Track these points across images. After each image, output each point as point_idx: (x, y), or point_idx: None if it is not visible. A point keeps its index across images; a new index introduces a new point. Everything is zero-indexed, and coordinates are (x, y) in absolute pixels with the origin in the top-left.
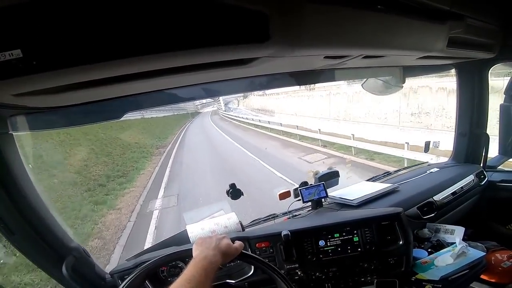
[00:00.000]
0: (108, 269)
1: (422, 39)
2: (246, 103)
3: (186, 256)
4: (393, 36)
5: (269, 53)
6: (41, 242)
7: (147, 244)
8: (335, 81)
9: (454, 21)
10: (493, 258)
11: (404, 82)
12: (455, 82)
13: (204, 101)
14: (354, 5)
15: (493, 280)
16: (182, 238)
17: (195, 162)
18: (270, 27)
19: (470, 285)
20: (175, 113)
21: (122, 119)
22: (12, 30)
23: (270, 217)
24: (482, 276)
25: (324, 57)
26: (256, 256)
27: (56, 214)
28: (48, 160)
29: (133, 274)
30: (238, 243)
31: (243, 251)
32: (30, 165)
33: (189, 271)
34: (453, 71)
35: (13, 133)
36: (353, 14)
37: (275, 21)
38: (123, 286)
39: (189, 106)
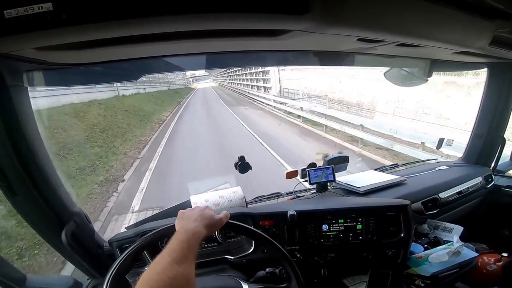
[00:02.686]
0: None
1: (465, 34)
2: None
3: (170, 232)
4: (436, 26)
5: (304, 27)
6: (44, 205)
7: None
8: (360, 66)
9: (503, 20)
10: (480, 260)
11: (430, 75)
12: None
13: (197, 73)
14: None
15: (476, 281)
16: (185, 208)
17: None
18: (310, 0)
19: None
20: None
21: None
22: None
23: (273, 195)
24: (468, 276)
25: (358, 39)
26: (244, 225)
27: (61, 175)
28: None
29: (121, 256)
30: (223, 213)
31: (230, 221)
32: (42, 123)
33: (171, 244)
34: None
35: (28, 87)
36: (402, 0)
37: None
38: (113, 271)
39: (172, 77)
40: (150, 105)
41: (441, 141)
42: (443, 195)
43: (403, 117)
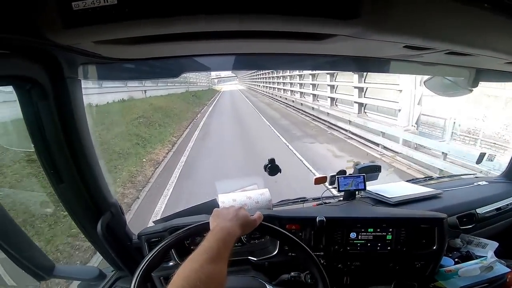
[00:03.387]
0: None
1: None
2: None
3: (204, 229)
4: (493, 36)
5: (350, 32)
6: (85, 193)
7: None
8: (401, 73)
9: None
10: (510, 276)
11: (476, 86)
12: None
13: (222, 74)
14: None
15: None
16: (212, 206)
17: None
18: (360, 5)
19: None
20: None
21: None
22: None
23: (299, 200)
24: None
25: (404, 46)
26: (276, 227)
27: (103, 165)
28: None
29: (149, 255)
30: (257, 214)
31: (262, 222)
32: (91, 115)
33: (207, 241)
34: None
35: (81, 80)
36: (454, 6)
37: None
38: (144, 265)
39: (193, 76)
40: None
41: (482, 156)
42: (480, 210)
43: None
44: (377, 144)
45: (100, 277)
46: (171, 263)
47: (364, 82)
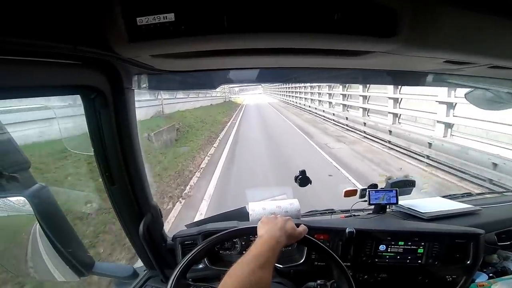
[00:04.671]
0: None
1: None
2: None
3: (250, 233)
4: None
5: (388, 49)
6: (132, 196)
7: None
8: (441, 86)
9: None
10: None
11: None
12: None
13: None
14: (493, 12)
15: None
16: (242, 213)
17: None
18: (397, 23)
19: None
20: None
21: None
22: None
23: (327, 211)
24: None
25: (444, 61)
26: (318, 242)
27: (148, 169)
28: None
29: (199, 246)
30: (302, 227)
31: (306, 235)
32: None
33: (257, 248)
34: None
35: (135, 90)
36: (494, 21)
37: (403, 18)
38: (190, 257)
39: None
40: None
41: None
42: None
43: None
44: (423, 156)
45: (134, 275)
46: (200, 266)
47: (400, 93)
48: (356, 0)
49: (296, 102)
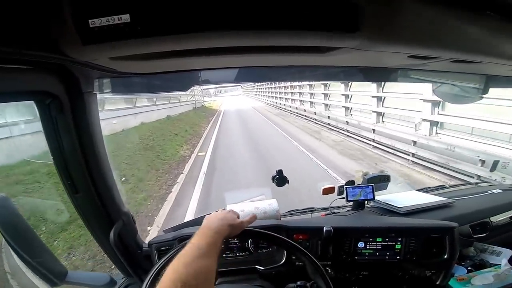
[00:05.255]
0: None
1: None
2: None
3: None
4: (496, 42)
5: (354, 44)
6: (99, 203)
7: None
8: (409, 82)
9: None
10: None
11: (486, 92)
12: None
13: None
14: (452, 6)
15: None
16: None
17: None
18: (359, 18)
19: None
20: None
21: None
22: None
23: (307, 210)
24: None
25: (409, 56)
26: (262, 231)
27: (116, 176)
28: None
29: (173, 250)
30: (248, 216)
31: (249, 227)
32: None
33: (194, 239)
34: None
35: (97, 94)
36: (455, 15)
37: (365, 13)
38: (164, 260)
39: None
40: None
41: (495, 164)
42: (494, 219)
43: None
44: (408, 154)
45: (111, 283)
46: None
47: (383, 92)
48: None
49: (283, 104)
